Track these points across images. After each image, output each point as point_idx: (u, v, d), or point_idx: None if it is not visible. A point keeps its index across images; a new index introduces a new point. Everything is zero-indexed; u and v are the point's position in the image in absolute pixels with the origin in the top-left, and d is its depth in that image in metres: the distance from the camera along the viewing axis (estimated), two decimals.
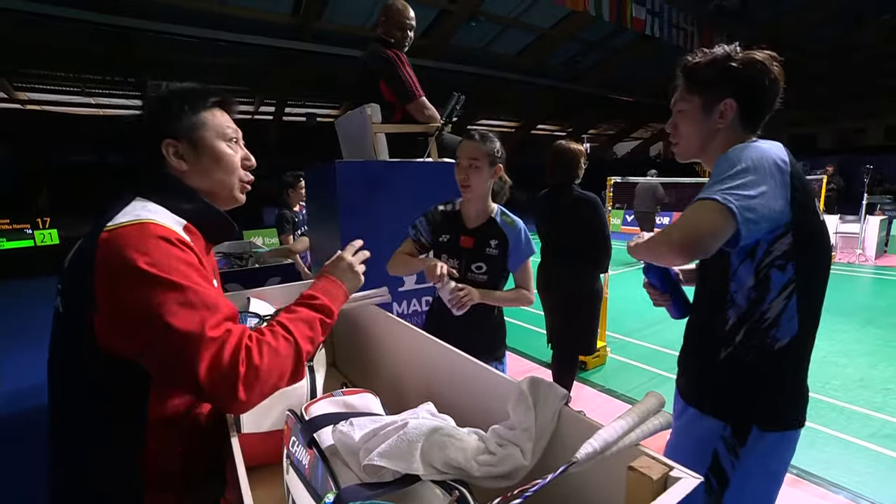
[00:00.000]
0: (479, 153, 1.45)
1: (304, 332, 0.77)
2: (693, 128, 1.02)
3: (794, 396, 0.97)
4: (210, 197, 0.85)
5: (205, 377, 0.64)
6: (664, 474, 0.52)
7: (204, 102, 0.85)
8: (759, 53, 0.96)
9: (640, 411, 0.58)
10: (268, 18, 8.36)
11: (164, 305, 0.65)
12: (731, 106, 0.97)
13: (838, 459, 2.26)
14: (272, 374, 0.70)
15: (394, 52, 2.19)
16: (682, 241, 0.84)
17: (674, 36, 10.04)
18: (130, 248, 0.67)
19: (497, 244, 1.51)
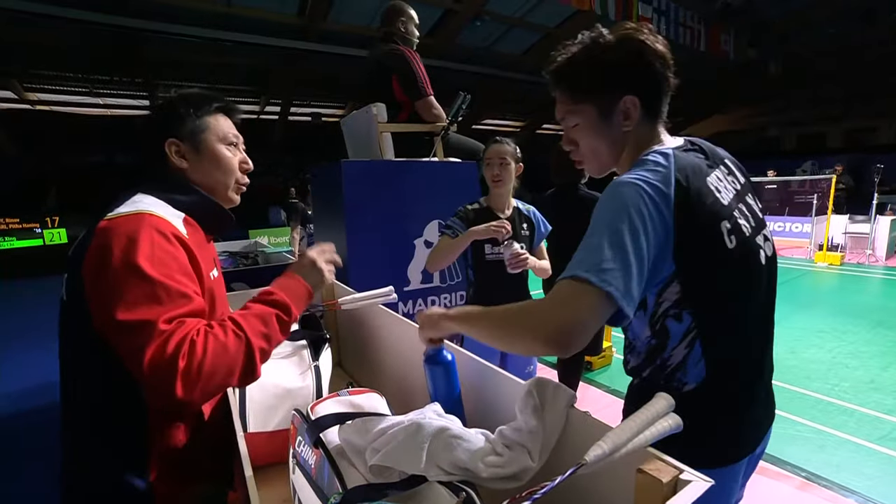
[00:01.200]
0: (508, 153, 1.77)
1: (256, 328, 0.73)
2: (597, 141, 0.84)
3: (703, 436, 0.79)
4: (208, 193, 0.90)
5: (147, 369, 0.63)
6: (674, 477, 0.51)
7: (208, 108, 0.91)
8: (634, 30, 0.79)
9: (650, 413, 0.57)
10: (274, 18, 8.40)
11: (131, 296, 0.66)
12: (634, 102, 0.80)
13: (848, 462, 2.23)
14: (217, 370, 0.66)
15: (408, 49, 2.20)
16: (559, 332, 0.64)
17: (681, 35, 9.97)
18: (122, 235, 0.70)
19: (527, 227, 1.85)
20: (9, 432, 2.85)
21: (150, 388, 0.68)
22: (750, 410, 0.85)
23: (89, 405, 0.77)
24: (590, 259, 0.66)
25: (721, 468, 0.82)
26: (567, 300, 0.65)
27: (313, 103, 12.93)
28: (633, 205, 0.69)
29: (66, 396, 0.79)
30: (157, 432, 0.78)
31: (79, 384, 0.77)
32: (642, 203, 0.69)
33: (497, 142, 1.80)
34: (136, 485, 0.76)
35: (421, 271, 2.18)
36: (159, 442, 0.78)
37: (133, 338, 0.65)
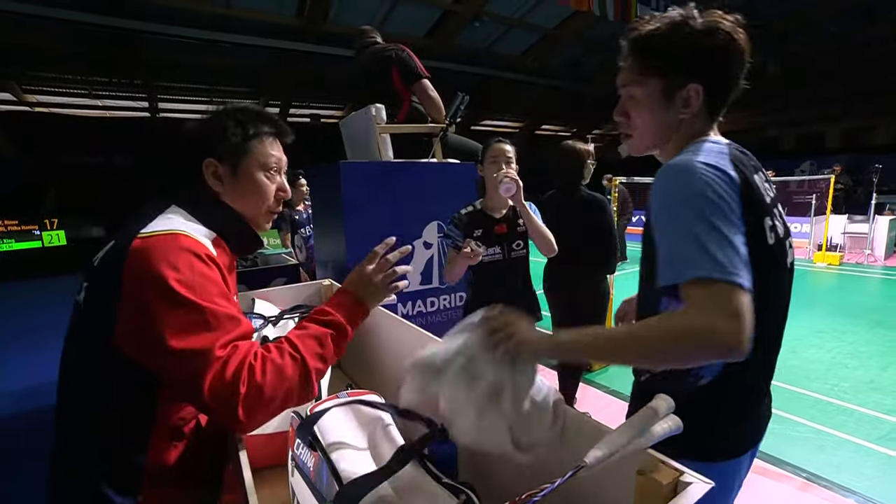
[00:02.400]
0: (511, 152, 1.80)
1: (312, 349, 0.75)
2: (651, 118, 0.83)
3: (714, 428, 0.83)
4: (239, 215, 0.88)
5: (207, 395, 0.64)
6: (674, 479, 0.51)
7: (257, 131, 0.86)
8: (725, 21, 0.78)
9: (650, 415, 0.57)
10: (273, 20, 8.39)
11: (181, 324, 0.66)
12: (698, 91, 0.79)
13: (848, 463, 2.23)
14: (276, 394, 0.68)
15: (400, 44, 2.31)
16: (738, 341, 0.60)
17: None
18: (160, 260, 0.68)
19: (522, 223, 1.84)
20: (8, 433, 2.84)
21: (210, 414, 0.69)
22: (758, 407, 0.88)
23: (90, 415, 0.75)
24: (705, 256, 0.64)
25: (729, 461, 0.85)
26: (722, 305, 0.61)
27: (312, 105, 12.93)
28: (712, 189, 0.68)
29: (64, 401, 0.77)
30: (157, 448, 0.77)
31: (82, 392, 0.75)
32: (718, 186, 0.69)
33: (500, 141, 1.82)
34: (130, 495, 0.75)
35: (420, 272, 2.18)
36: (157, 457, 0.77)
37: (188, 366, 0.65)
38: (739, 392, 0.84)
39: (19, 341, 4.56)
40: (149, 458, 0.75)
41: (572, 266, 2.42)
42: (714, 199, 0.67)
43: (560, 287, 2.51)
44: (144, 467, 0.75)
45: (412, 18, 9.22)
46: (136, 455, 0.75)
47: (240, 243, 0.88)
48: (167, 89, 10.76)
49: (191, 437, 0.83)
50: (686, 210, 0.68)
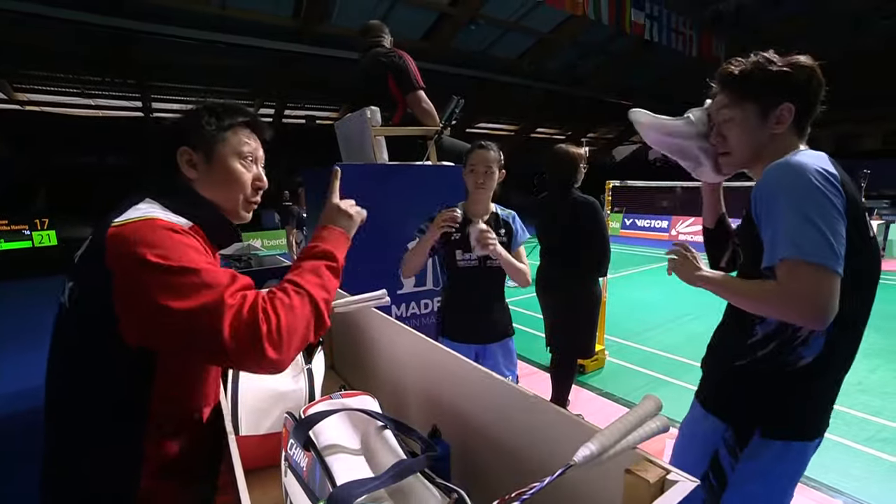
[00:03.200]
0: (492, 160, 1.70)
1: (312, 281, 0.77)
2: (747, 136, 0.99)
3: (805, 408, 0.96)
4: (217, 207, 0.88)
5: (230, 342, 0.64)
6: (661, 477, 0.52)
7: (232, 120, 0.87)
8: (803, 58, 0.96)
9: (638, 414, 0.58)
10: (268, 21, 8.38)
11: (179, 289, 0.66)
12: (790, 110, 0.94)
13: (836, 464, 2.26)
14: (295, 327, 0.70)
15: (400, 51, 2.30)
16: (824, 314, 0.80)
17: (673, 40, 10.08)
18: (139, 243, 0.68)
19: (504, 233, 1.77)
20: (2, 434, 2.82)
21: (236, 361, 0.67)
22: (835, 393, 0.99)
23: (83, 412, 0.75)
24: (816, 242, 0.80)
25: (811, 441, 0.97)
26: (820, 284, 0.80)
27: (308, 106, 12.91)
28: (818, 181, 0.82)
29: (54, 401, 0.77)
30: (154, 442, 0.77)
31: (74, 390, 0.75)
32: (824, 179, 0.83)
33: (482, 147, 1.71)
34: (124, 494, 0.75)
35: (414, 275, 2.18)
36: (153, 451, 0.77)
37: (202, 321, 0.65)
38: (831, 376, 0.95)
39: (10, 342, 4.51)
40: (145, 453, 0.76)
41: (565, 268, 2.44)
42: (820, 191, 0.82)
43: (553, 289, 2.53)
44: (141, 462, 0.75)
45: (408, 21, 9.24)
46: (132, 450, 0.75)
47: (217, 234, 0.86)
48: (161, 89, 10.71)
49: (187, 433, 0.83)
50: (792, 199, 0.83)
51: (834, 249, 0.79)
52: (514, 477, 0.79)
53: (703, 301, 5.25)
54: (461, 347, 1.76)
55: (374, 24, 2.47)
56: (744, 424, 0.96)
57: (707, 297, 1.06)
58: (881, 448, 2.38)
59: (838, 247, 0.79)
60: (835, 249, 0.79)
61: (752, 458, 0.96)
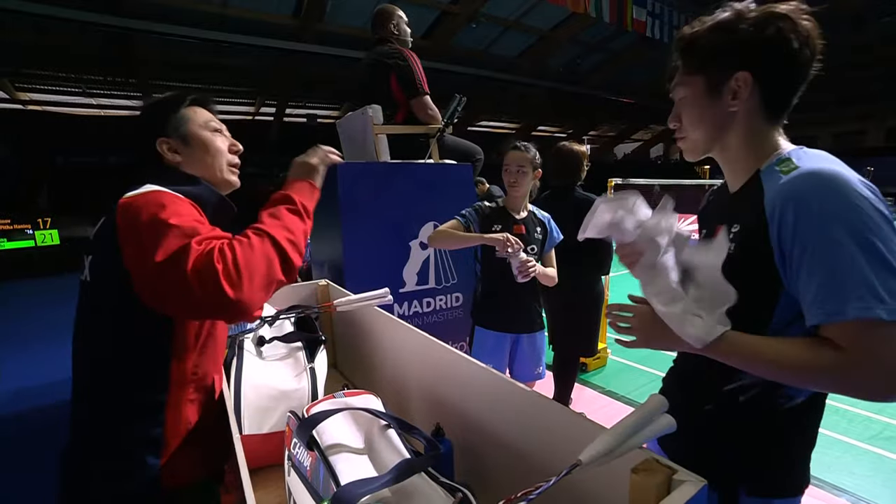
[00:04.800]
0: (525, 160, 1.78)
1: (271, 223, 0.80)
2: (699, 116, 0.79)
3: (796, 458, 0.77)
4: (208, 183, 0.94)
5: (194, 286, 0.67)
6: (667, 477, 0.52)
7: (183, 102, 0.96)
8: (782, 5, 0.71)
9: (644, 413, 0.58)
10: (269, 19, 8.38)
11: (164, 241, 0.70)
12: (746, 80, 0.72)
13: (840, 462, 2.25)
14: (254, 265, 0.72)
15: (405, 49, 2.23)
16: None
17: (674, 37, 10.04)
18: (143, 205, 0.75)
19: (540, 230, 1.88)
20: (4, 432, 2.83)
21: (204, 307, 0.70)
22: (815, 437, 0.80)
23: (111, 385, 0.80)
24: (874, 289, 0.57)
25: (798, 496, 0.78)
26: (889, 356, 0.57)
27: (309, 104, 12.91)
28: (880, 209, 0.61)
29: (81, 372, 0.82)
30: (175, 409, 0.83)
31: (101, 363, 0.81)
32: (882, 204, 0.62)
33: (515, 147, 1.81)
34: (150, 463, 0.80)
35: (416, 273, 2.18)
36: (174, 415, 0.83)
37: (172, 268, 0.68)
38: (820, 414, 0.77)
39: (14, 340, 4.52)
40: (166, 417, 0.82)
41: (568, 267, 2.43)
42: (884, 217, 0.59)
43: (555, 288, 2.52)
44: (163, 426, 0.81)
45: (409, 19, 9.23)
46: (154, 413, 0.81)
47: (213, 209, 0.92)
48: (162, 88, 10.72)
49: (204, 397, 0.89)
50: (856, 232, 0.59)
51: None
52: (517, 476, 0.79)
53: None
54: (494, 336, 1.88)
55: (384, 10, 2.32)
56: (727, 485, 0.77)
57: None
58: (885, 447, 2.37)
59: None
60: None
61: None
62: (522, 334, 1.92)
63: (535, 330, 1.94)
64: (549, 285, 1.86)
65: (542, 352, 1.99)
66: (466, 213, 1.83)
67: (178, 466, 0.83)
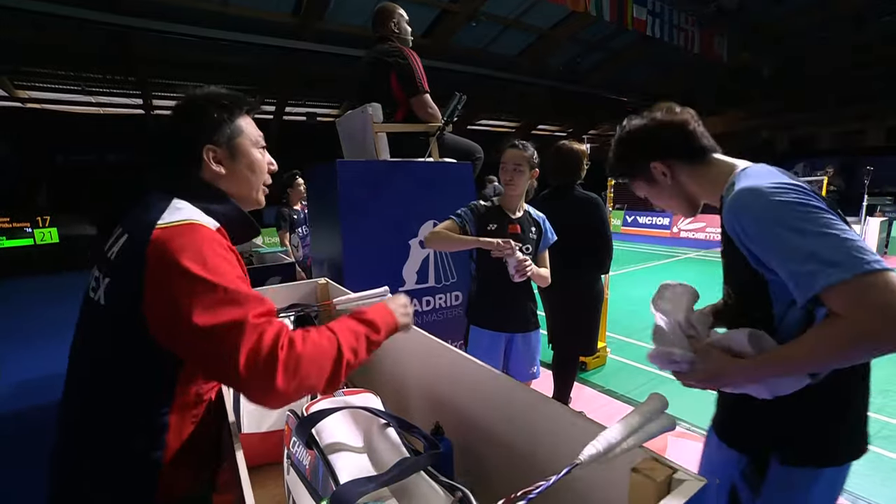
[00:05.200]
0: (523, 159, 1.78)
1: (348, 339, 0.75)
2: (663, 199, 1.02)
3: (828, 429, 0.84)
4: (237, 200, 0.89)
5: (244, 363, 0.64)
6: (668, 476, 0.51)
7: (240, 110, 0.89)
8: (639, 119, 0.99)
9: (644, 413, 0.58)
10: (269, 18, 8.35)
11: (210, 304, 0.66)
12: (660, 167, 0.96)
13: None
14: (313, 367, 0.68)
15: (406, 47, 2.22)
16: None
17: (675, 36, 10.03)
18: (184, 248, 0.69)
19: (535, 230, 1.89)
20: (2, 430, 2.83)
21: (244, 385, 0.66)
22: (867, 401, 0.91)
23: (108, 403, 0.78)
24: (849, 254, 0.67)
25: (843, 465, 0.87)
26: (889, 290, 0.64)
27: (308, 103, 12.88)
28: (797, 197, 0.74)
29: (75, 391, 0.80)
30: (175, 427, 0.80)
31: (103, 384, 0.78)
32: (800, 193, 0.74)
33: (513, 146, 1.80)
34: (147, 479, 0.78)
35: (416, 271, 2.18)
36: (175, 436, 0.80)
37: (222, 339, 0.65)
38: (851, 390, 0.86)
39: (13, 339, 4.52)
40: (168, 439, 0.78)
41: (567, 266, 2.43)
42: (806, 205, 0.72)
43: (555, 287, 2.52)
44: (164, 448, 0.78)
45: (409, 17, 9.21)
46: (157, 435, 0.78)
47: (239, 232, 0.88)
48: (161, 86, 10.69)
49: (203, 415, 0.86)
50: (786, 224, 0.72)
51: (864, 247, 0.67)
52: (517, 474, 0.79)
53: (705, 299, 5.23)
54: (489, 335, 1.88)
55: (385, 8, 2.32)
56: (759, 453, 0.86)
57: (709, 294, 1.02)
58: (883, 446, 2.38)
59: (861, 243, 0.68)
60: (865, 247, 0.67)
61: (775, 490, 0.84)
62: (517, 333, 1.91)
63: (529, 329, 1.94)
64: (542, 286, 1.86)
65: (536, 351, 1.98)
66: (462, 212, 1.84)
67: (175, 482, 0.81)
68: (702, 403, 3.06)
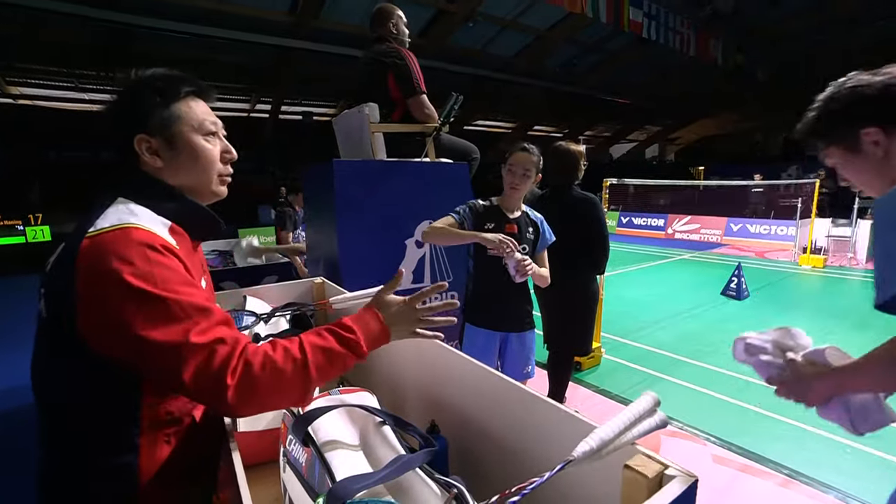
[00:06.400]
0: (531, 163, 1.79)
1: (321, 364, 0.70)
2: (859, 175, 0.90)
3: None
4: (190, 193, 0.82)
5: (191, 384, 0.62)
6: (659, 473, 0.52)
7: (177, 92, 0.78)
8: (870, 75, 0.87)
9: (636, 411, 0.59)
10: (265, 16, 8.33)
11: (146, 319, 0.63)
12: (875, 133, 0.83)
13: (827, 459, 2.29)
14: (272, 393, 0.66)
15: (405, 49, 2.24)
16: None
17: (670, 39, 10.10)
18: (112, 256, 0.64)
19: (532, 231, 1.89)
20: None
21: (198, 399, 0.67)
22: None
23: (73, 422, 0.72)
24: None
25: None
26: None
27: (304, 102, 12.85)
28: None
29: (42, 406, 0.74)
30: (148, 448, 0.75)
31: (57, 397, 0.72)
32: None
33: (524, 150, 1.80)
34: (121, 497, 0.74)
35: (413, 271, 2.19)
36: (149, 457, 0.75)
37: (162, 358, 0.63)
38: None
39: (3, 338, 4.47)
40: (140, 460, 0.73)
41: (564, 266, 2.44)
42: None
43: (551, 287, 2.53)
44: (137, 470, 0.73)
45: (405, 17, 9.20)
46: (126, 457, 0.72)
47: (197, 227, 0.83)
48: None
49: (183, 434, 0.81)
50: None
51: None
52: (511, 471, 0.80)
53: (698, 300, 5.30)
54: (484, 334, 1.88)
55: (384, 9, 2.33)
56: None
57: (703, 296, 1.03)
58: (872, 445, 2.41)
59: None
60: None
61: None
62: (512, 333, 1.92)
63: (525, 329, 1.95)
64: (542, 286, 1.87)
65: (531, 351, 1.99)
66: (461, 209, 1.84)
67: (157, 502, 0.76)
68: (693, 403, 3.08)
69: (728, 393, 3.02)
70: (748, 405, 2.86)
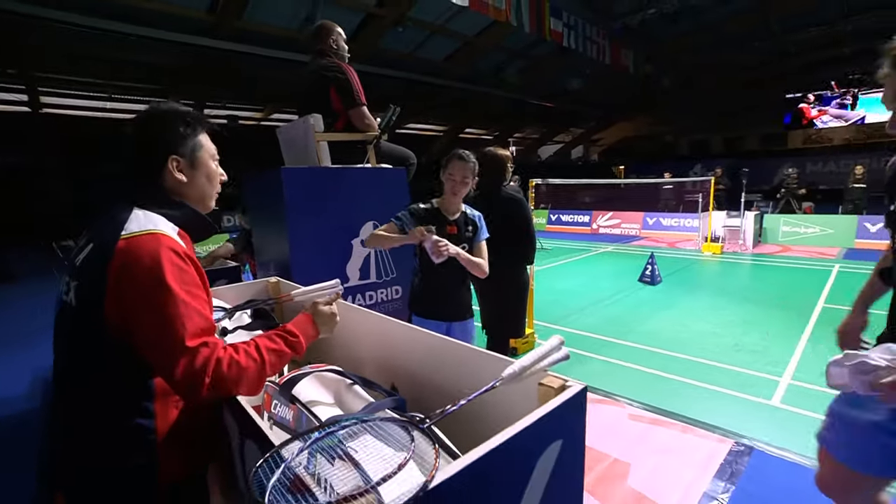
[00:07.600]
0: (469, 171, 1.97)
1: (273, 363, 0.90)
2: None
3: None
4: (194, 204, 1.01)
5: (178, 378, 0.78)
6: (561, 385, 0.75)
7: (201, 127, 1.01)
8: None
9: (547, 347, 0.81)
10: (182, 14, 7.87)
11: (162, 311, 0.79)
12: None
13: (718, 408, 2.75)
14: (234, 386, 0.83)
15: (345, 64, 2.39)
16: None
17: (588, 48, 10.95)
18: (146, 256, 0.81)
19: (471, 229, 2.06)
20: None
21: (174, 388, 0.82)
22: None
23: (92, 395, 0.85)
24: None
25: None
26: None
27: (229, 105, 12.29)
28: None
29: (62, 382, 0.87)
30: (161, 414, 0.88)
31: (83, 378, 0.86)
32: None
33: (461, 159, 1.95)
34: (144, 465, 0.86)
35: (359, 269, 2.33)
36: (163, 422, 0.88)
37: (163, 353, 0.79)
38: None
39: None
40: (157, 422, 0.87)
41: (497, 258, 2.70)
42: None
43: (487, 278, 2.78)
44: (155, 431, 0.87)
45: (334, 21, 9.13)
46: (145, 420, 0.86)
47: (198, 232, 1.00)
48: (51, 81, 9.64)
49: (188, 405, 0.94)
50: None
51: None
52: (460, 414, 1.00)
53: (619, 287, 5.90)
54: (430, 324, 2.03)
55: (324, 26, 2.47)
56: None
57: (622, 284, 1.24)
58: (753, 392, 2.92)
59: None
60: None
61: None
62: (455, 322, 2.10)
63: (465, 318, 2.14)
64: (481, 276, 2.04)
65: (472, 337, 2.18)
66: (402, 215, 1.97)
67: (173, 461, 0.89)
68: (615, 375, 3.44)
69: (642, 363, 3.47)
70: (658, 371, 3.33)
